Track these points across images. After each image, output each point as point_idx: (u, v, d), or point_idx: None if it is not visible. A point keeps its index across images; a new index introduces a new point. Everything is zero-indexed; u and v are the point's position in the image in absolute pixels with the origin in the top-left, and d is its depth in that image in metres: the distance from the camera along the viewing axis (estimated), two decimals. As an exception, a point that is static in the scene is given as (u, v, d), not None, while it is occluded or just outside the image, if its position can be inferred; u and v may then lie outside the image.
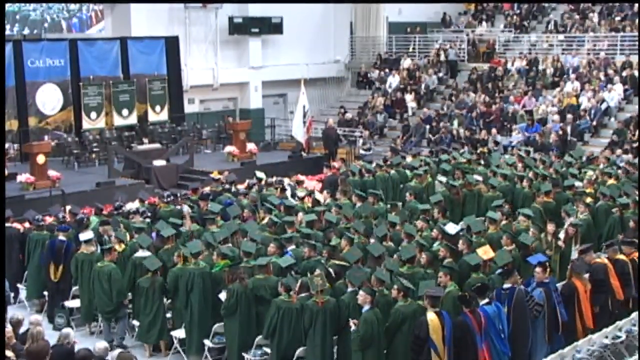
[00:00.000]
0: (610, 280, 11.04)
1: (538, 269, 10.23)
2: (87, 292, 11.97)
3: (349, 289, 9.81)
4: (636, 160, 18.18)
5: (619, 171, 16.87)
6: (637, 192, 14.83)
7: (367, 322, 9.18)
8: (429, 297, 9.12)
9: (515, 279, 10.02)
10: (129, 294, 11.85)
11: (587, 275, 10.90)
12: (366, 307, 9.33)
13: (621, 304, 11.21)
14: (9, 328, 8.54)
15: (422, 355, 8.97)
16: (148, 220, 13.79)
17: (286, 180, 17.57)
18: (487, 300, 9.48)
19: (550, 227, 12.41)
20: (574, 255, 12.39)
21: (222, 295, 10.57)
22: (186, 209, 13.99)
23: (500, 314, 9.46)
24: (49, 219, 14.30)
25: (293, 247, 11.74)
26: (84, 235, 12.20)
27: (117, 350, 9.21)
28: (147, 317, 11.28)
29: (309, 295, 9.87)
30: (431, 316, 9.00)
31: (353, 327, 9.23)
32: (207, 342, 10.82)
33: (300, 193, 15.77)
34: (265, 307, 10.18)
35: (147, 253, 11.77)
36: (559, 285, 10.79)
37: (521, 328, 9.78)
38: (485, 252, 10.82)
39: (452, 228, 12.28)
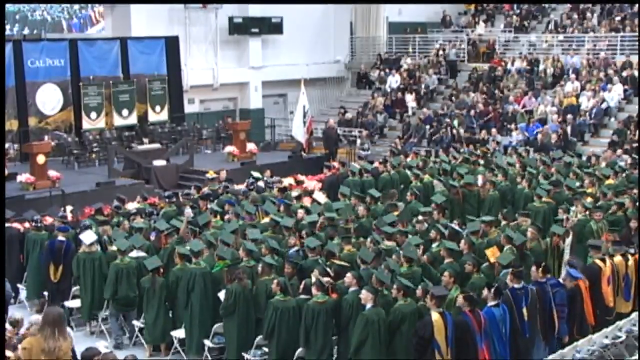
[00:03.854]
0: (602, 285, 11.00)
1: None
2: (89, 291, 11.97)
3: (351, 289, 9.81)
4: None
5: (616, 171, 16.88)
6: (635, 192, 14.87)
7: (364, 323, 9.20)
8: (435, 297, 9.12)
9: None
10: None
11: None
12: (368, 306, 9.36)
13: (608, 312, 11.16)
14: (9, 328, 8.55)
15: (426, 356, 8.99)
16: (152, 221, 13.78)
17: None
18: (495, 302, 9.48)
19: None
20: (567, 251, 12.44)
21: (221, 295, 10.58)
22: (187, 211, 13.95)
23: (505, 317, 9.48)
24: (49, 219, 14.30)
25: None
26: (87, 237, 12.19)
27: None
28: (148, 316, 11.29)
29: (309, 297, 9.88)
30: (435, 317, 9.02)
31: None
32: (207, 342, 10.83)
33: (295, 193, 15.80)
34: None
35: (141, 253, 11.80)
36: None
37: (534, 326, 9.84)
38: (493, 253, 10.85)
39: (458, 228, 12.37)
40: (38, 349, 7.21)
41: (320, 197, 15.69)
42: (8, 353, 7.99)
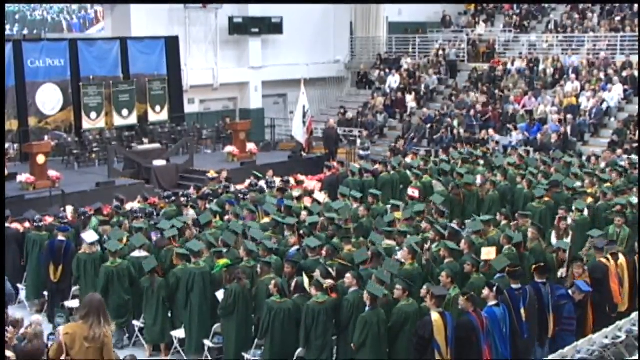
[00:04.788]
0: (610, 282, 11.02)
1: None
2: (89, 291, 11.94)
3: (352, 289, 9.81)
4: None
5: (616, 171, 16.86)
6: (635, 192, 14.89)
7: (363, 325, 9.24)
8: (434, 297, 9.12)
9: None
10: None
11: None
12: (367, 308, 9.36)
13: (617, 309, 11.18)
14: (10, 329, 8.54)
15: (426, 355, 9.00)
16: (152, 221, 13.77)
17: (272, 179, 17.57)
18: (495, 302, 9.49)
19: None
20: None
21: (219, 294, 10.58)
22: (191, 213, 13.89)
23: (506, 317, 9.49)
24: (49, 219, 14.30)
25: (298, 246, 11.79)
26: (89, 237, 12.19)
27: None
28: (148, 316, 11.30)
29: (305, 295, 9.88)
30: (435, 316, 9.02)
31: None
32: (207, 342, 10.84)
33: (296, 193, 15.80)
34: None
35: (143, 253, 11.80)
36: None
37: (532, 327, 9.86)
38: (488, 253, 10.84)
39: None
40: (81, 335, 7.21)
41: (321, 197, 15.69)
42: (8, 353, 7.99)
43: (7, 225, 13.73)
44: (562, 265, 11.91)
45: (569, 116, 23.03)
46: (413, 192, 15.65)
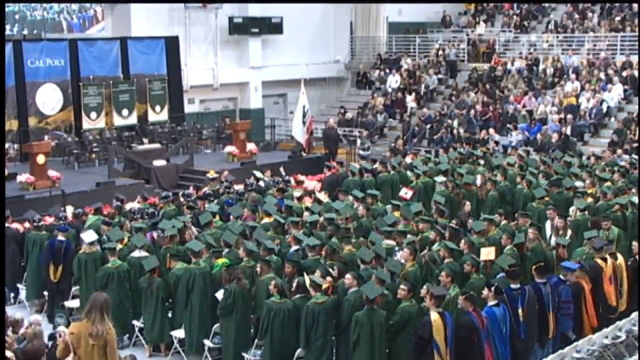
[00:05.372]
0: (603, 284, 11.00)
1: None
2: (89, 292, 11.94)
3: (352, 289, 9.80)
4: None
5: (617, 171, 16.84)
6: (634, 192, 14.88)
7: (355, 324, 9.25)
8: (434, 297, 9.11)
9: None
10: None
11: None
12: (364, 308, 9.36)
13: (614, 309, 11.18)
14: (10, 334, 8.54)
15: (425, 356, 8.98)
16: (153, 221, 13.75)
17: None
18: (495, 302, 9.48)
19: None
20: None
21: (219, 294, 10.58)
22: (188, 218, 13.90)
23: (506, 317, 9.47)
24: (49, 219, 14.30)
25: (298, 246, 11.78)
26: (88, 237, 12.18)
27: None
28: (147, 317, 11.30)
29: (306, 296, 9.87)
30: (434, 317, 9.01)
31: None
32: (207, 342, 10.84)
33: (297, 193, 15.79)
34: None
35: (143, 253, 11.79)
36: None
37: (532, 327, 9.84)
38: (487, 254, 10.84)
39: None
40: (85, 333, 7.23)
41: (322, 197, 15.68)
42: (8, 354, 7.99)
43: (7, 225, 13.72)
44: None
45: (569, 116, 23.05)
46: (406, 192, 15.63)
